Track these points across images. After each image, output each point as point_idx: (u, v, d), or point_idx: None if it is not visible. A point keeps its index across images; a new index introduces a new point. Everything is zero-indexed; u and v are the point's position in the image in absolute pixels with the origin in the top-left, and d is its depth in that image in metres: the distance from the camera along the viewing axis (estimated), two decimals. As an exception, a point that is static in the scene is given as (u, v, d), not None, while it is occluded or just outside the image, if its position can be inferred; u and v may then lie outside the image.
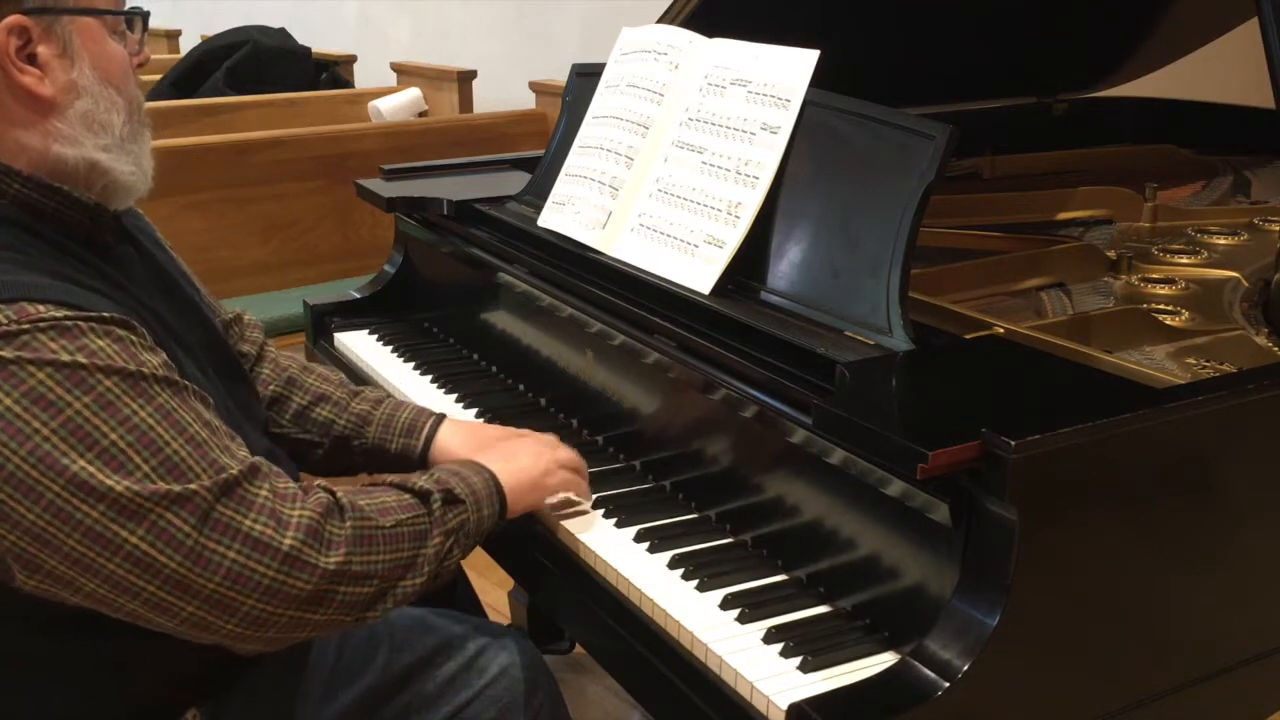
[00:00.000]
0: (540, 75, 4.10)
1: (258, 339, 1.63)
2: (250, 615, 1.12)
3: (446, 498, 1.29)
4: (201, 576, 1.09)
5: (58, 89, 1.16)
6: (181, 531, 1.08)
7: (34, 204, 1.15)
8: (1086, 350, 1.42)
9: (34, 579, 1.07)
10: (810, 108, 1.50)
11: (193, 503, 1.08)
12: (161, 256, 1.36)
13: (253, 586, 1.11)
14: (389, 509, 1.24)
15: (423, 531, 1.25)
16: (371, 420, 1.56)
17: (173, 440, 1.09)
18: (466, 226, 1.98)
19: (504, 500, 1.36)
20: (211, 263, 3.40)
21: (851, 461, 1.22)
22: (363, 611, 1.20)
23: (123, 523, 1.06)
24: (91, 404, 1.05)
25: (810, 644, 1.20)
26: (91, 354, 1.06)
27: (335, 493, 1.22)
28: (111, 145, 1.21)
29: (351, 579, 1.17)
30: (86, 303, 1.09)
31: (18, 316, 1.04)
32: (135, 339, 1.11)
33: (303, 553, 1.14)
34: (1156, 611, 1.23)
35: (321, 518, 1.17)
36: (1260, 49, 1.55)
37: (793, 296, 1.46)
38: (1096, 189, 2.18)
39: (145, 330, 1.14)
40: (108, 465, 1.05)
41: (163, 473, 1.07)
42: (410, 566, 1.23)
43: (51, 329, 1.05)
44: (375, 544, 1.20)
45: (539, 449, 1.45)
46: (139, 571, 1.07)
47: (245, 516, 1.11)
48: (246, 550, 1.11)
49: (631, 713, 2.33)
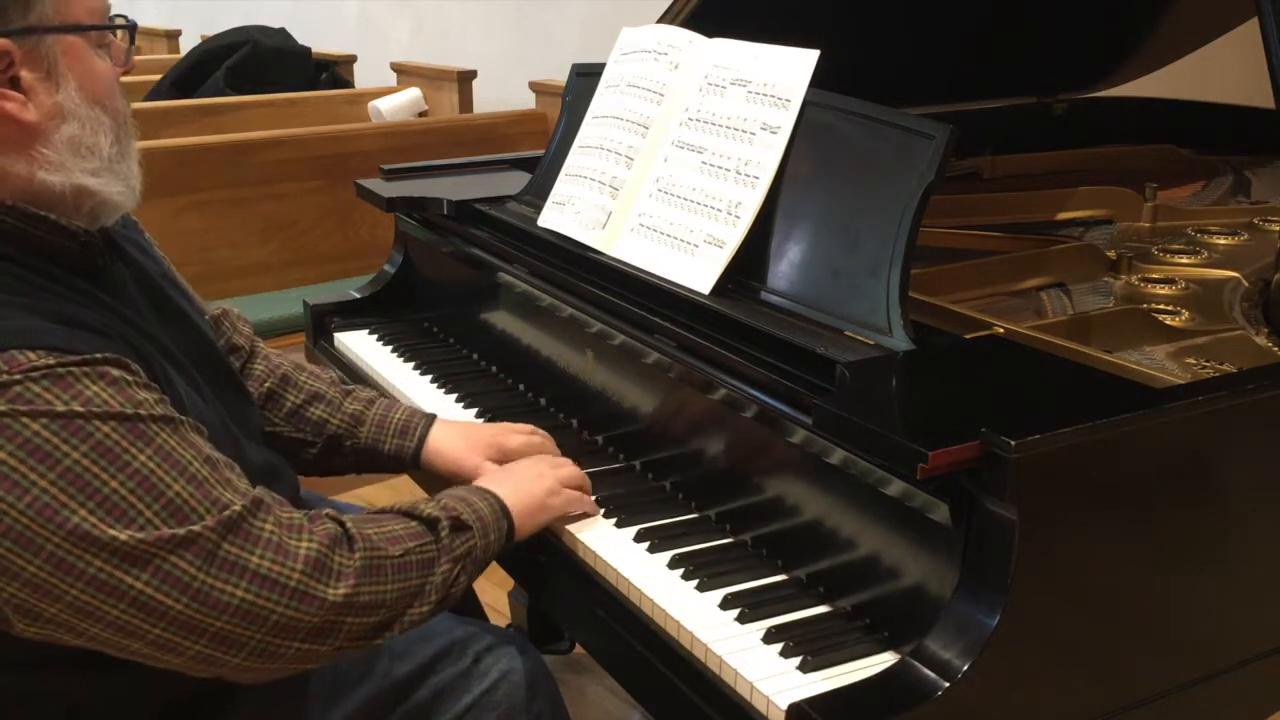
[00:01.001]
0: (540, 75, 4.10)
1: (248, 333, 1.62)
2: (258, 649, 1.11)
3: (454, 525, 1.28)
4: (209, 616, 1.08)
5: (43, 114, 1.12)
6: (187, 574, 1.06)
7: (19, 234, 1.12)
8: (1086, 350, 1.42)
9: (34, 626, 1.05)
10: (810, 108, 1.50)
11: (197, 544, 1.07)
12: (150, 265, 1.33)
13: (262, 621, 1.10)
14: (397, 538, 1.23)
15: (430, 559, 1.24)
16: (365, 420, 1.56)
17: (174, 482, 1.07)
18: (466, 226, 1.98)
19: (511, 524, 1.35)
20: (211, 263, 3.41)
21: (851, 461, 1.22)
22: (369, 640, 1.20)
23: (127, 569, 1.04)
24: (90, 452, 1.03)
25: (810, 644, 1.20)
26: (87, 401, 1.04)
27: (345, 522, 1.21)
28: (100, 169, 1.16)
29: (359, 610, 1.17)
30: (78, 343, 1.06)
31: (9, 367, 1.01)
32: (130, 377, 1.08)
33: (310, 585, 1.12)
34: (1156, 611, 1.23)
35: (329, 549, 1.15)
36: (1260, 49, 1.55)
37: (793, 296, 1.46)
38: (1096, 189, 2.18)
39: (138, 362, 1.12)
40: (110, 514, 1.03)
41: (165, 516, 1.05)
42: (418, 595, 1.23)
43: (45, 378, 1.02)
44: (384, 574, 1.19)
45: (541, 469, 1.45)
46: (144, 616, 1.06)
47: (251, 553, 1.10)
48: (254, 588, 1.09)
49: (631, 713, 2.33)
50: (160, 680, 1.16)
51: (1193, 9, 2.35)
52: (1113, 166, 2.38)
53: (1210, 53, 2.50)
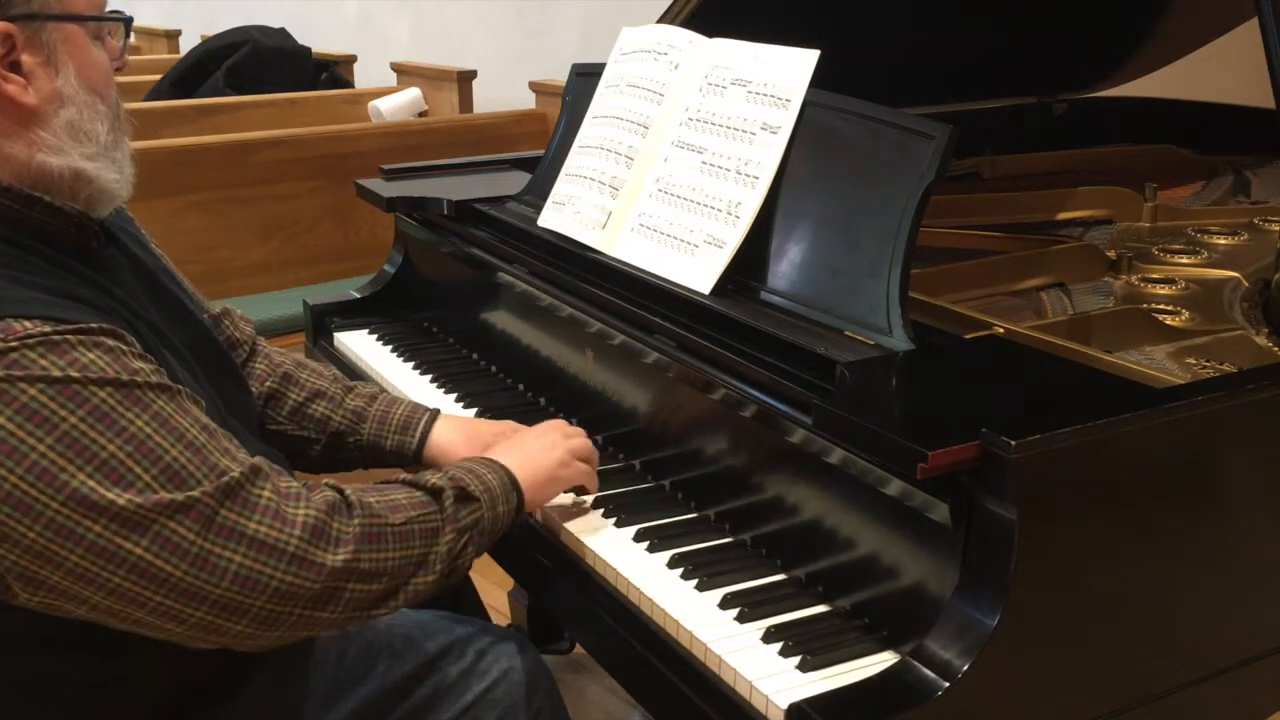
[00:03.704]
0: (540, 75, 4.10)
1: (250, 331, 1.62)
2: (259, 616, 1.12)
3: (459, 494, 1.28)
4: (209, 582, 1.08)
5: (42, 98, 1.14)
6: (186, 539, 1.07)
7: (16, 215, 1.13)
8: (1086, 350, 1.42)
9: (37, 595, 1.06)
10: (810, 108, 1.50)
11: (196, 509, 1.07)
12: (147, 257, 1.34)
13: (261, 588, 1.10)
14: (399, 506, 1.23)
15: (435, 529, 1.24)
16: (367, 416, 1.56)
17: (171, 447, 1.08)
18: (466, 226, 1.98)
19: (521, 495, 1.35)
20: (211, 263, 3.40)
21: (851, 461, 1.22)
22: (371, 609, 1.20)
23: (126, 535, 1.05)
24: (87, 417, 1.04)
25: (809, 643, 1.20)
26: (83, 367, 1.05)
27: (343, 490, 1.21)
28: (96, 154, 1.18)
29: (360, 576, 1.17)
30: (73, 315, 1.08)
31: (5, 334, 1.03)
32: (125, 347, 1.10)
33: (309, 551, 1.13)
34: (1156, 611, 1.23)
35: (327, 515, 1.16)
36: (1260, 49, 1.55)
37: (793, 296, 1.46)
38: (1096, 189, 2.18)
39: (134, 337, 1.13)
40: (108, 478, 1.04)
41: (164, 481, 1.06)
42: (422, 564, 1.22)
43: (40, 345, 1.03)
44: (384, 541, 1.19)
45: (554, 439, 1.44)
46: (145, 582, 1.06)
47: (249, 519, 1.11)
48: (253, 553, 1.10)
49: (631, 713, 2.33)
50: (167, 664, 1.17)
51: (1193, 9, 2.35)
52: (1113, 166, 2.38)
53: (1210, 53, 2.50)
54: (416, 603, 1.24)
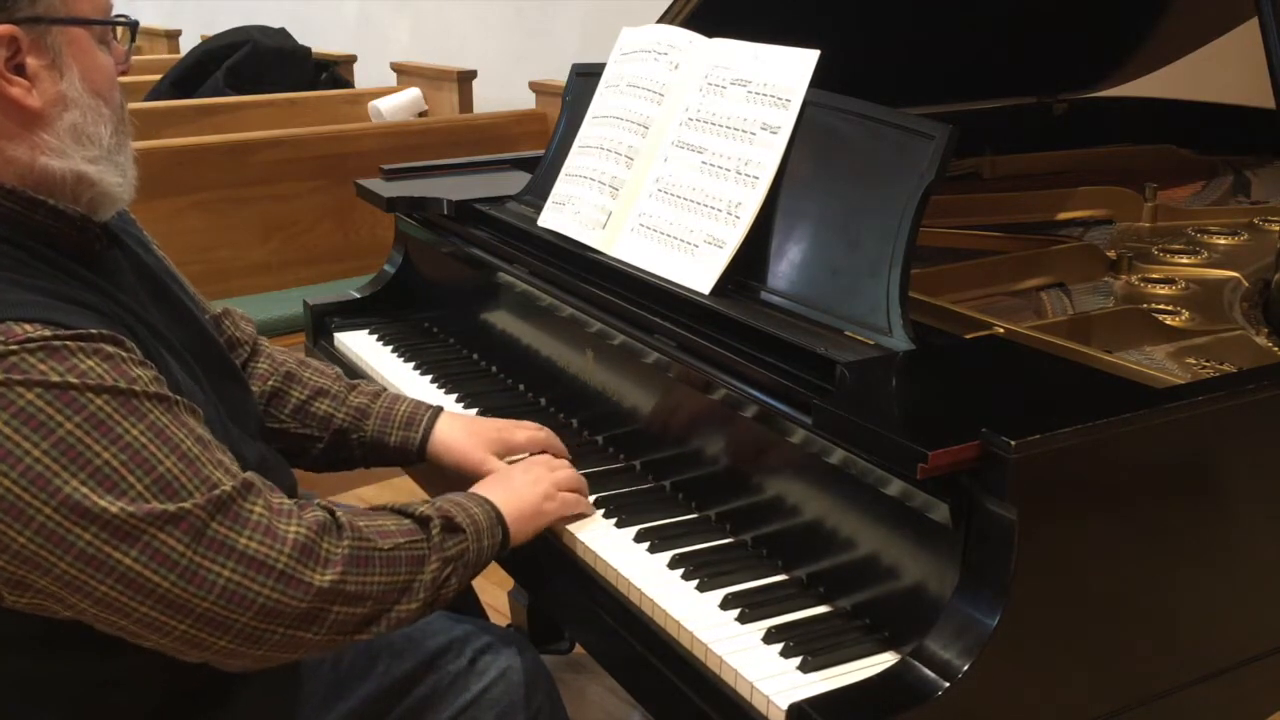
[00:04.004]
0: (540, 75, 4.10)
1: (251, 331, 1.62)
2: (243, 632, 1.11)
3: (446, 525, 1.28)
4: (195, 595, 1.08)
5: (46, 101, 1.14)
6: (175, 551, 1.07)
7: (19, 218, 1.13)
8: (1086, 350, 1.42)
9: (24, 598, 1.06)
10: (810, 108, 1.50)
11: (186, 521, 1.07)
12: (149, 259, 1.34)
13: (248, 604, 1.10)
14: (388, 532, 1.23)
15: (420, 557, 1.24)
16: (370, 413, 1.57)
17: (165, 458, 1.08)
18: (466, 226, 1.98)
19: (506, 531, 1.35)
20: (211, 263, 3.41)
21: (851, 461, 1.22)
22: (354, 633, 1.20)
23: (116, 544, 1.04)
24: (83, 423, 1.04)
25: (810, 644, 1.20)
26: (82, 374, 1.05)
27: (334, 511, 1.22)
28: (99, 157, 1.18)
29: (345, 599, 1.17)
30: (74, 319, 1.08)
31: (5, 337, 1.03)
32: (125, 354, 1.09)
33: (297, 570, 1.13)
34: (1156, 611, 1.23)
35: (317, 535, 1.16)
36: (1260, 49, 1.55)
37: (793, 296, 1.46)
38: (1096, 189, 2.18)
39: (134, 344, 1.13)
40: (101, 485, 1.04)
41: (155, 491, 1.06)
42: (406, 591, 1.23)
43: (40, 349, 1.03)
44: (371, 565, 1.19)
45: (537, 474, 1.45)
46: (131, 592, 1.06)
47: (240, 534, 1.11)
48: (241, 568, 1.10)
49: (631, 713, 2.33)
50: (167, 665, 1.17)
51: (1193, 9, 2.35)
52: (1113, 166, 2.38)
53: (1210, 53, 2.50)
54: (397, 630, 1.25)
